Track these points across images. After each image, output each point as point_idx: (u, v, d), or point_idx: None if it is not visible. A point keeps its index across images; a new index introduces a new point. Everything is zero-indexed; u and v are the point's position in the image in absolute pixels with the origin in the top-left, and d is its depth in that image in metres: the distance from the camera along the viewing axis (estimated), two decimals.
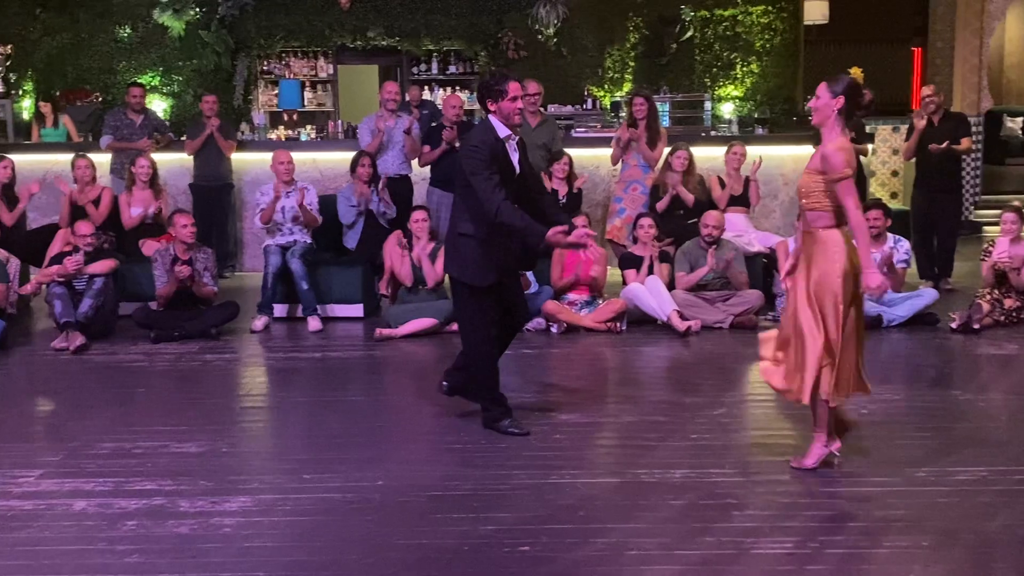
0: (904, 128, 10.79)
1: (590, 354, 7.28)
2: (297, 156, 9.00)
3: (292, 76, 13.35)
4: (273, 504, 4.49)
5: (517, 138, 5.35)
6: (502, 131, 5.25)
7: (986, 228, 11.78)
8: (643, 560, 3.89)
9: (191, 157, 10.23)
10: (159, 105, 12.44)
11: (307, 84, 13.40)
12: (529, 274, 7.77)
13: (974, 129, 11.14)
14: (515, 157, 5.32)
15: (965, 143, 9.25)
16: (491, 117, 5.28)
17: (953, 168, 9.52)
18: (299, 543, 4.10)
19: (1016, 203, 8.66)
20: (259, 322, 8.02)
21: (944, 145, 9.06)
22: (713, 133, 11.60)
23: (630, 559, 3.91)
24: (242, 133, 11.36)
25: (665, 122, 11.26)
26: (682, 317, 7.64)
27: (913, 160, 9.32)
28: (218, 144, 10.08)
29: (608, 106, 12.66)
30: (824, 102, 4.62)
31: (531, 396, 6.05)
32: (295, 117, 13.27)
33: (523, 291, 5.78)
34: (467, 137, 5.80)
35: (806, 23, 13.34)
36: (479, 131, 5.42)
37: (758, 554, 3.94)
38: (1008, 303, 7.78)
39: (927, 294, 8.00)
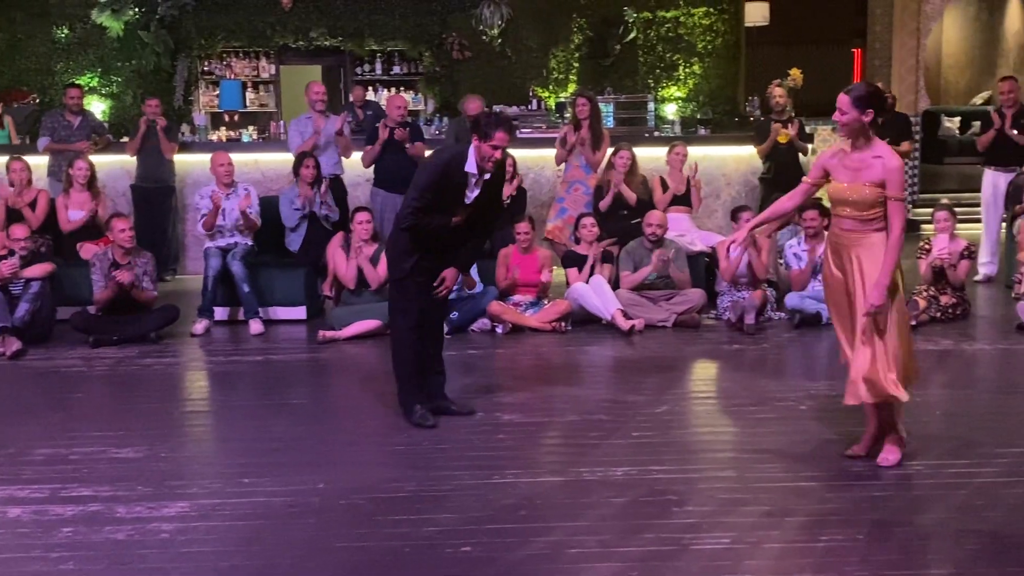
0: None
1: (535, 354, 7.30)
2: (239, 157, 8.92)
3: (233, 76, 13.18)
4: (212, 509, 4.44)
5: (487, 176, 5.35)
6: (471, 166, 5.32)
7: (924, 227, 11.98)
8: (584, 558, 3.91)
9: (132, 159, 10.11)
10: (98, 106, 12.23)
11: (249, 85, 13.25)
12: (473, 273, 7.75)
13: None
14: (473, 193, 5.37)
15: (905, 146, 9.37)
16: (471, 148, 5.33)
17: None
18: (237, 548, 4.06)
19: (945, 200, 8.83)
20: (200, 325, 7.93)
21: None
22: (656, 134, 11.68)
23: (571, 557, 3.93)
24: (183, 134, 11.23)
25: (609, 123, 11.31)
26: (626, 316, 7.68)
27: None
28: (159, 146, 9.96)
29: (553, 107, 12.68)
30: (853, 117, 4.61)
31: (475, 396, 6.04)
32: (236, 118, 13.13)
33: (440, 301, 5.76)
34: (444, 149, 5.91)
35: (747, 25, 13.50)
36: (453, 152, 5.50)
37: (697, 550, 3.97)
38: (944, 300, 7.92)
39: None
